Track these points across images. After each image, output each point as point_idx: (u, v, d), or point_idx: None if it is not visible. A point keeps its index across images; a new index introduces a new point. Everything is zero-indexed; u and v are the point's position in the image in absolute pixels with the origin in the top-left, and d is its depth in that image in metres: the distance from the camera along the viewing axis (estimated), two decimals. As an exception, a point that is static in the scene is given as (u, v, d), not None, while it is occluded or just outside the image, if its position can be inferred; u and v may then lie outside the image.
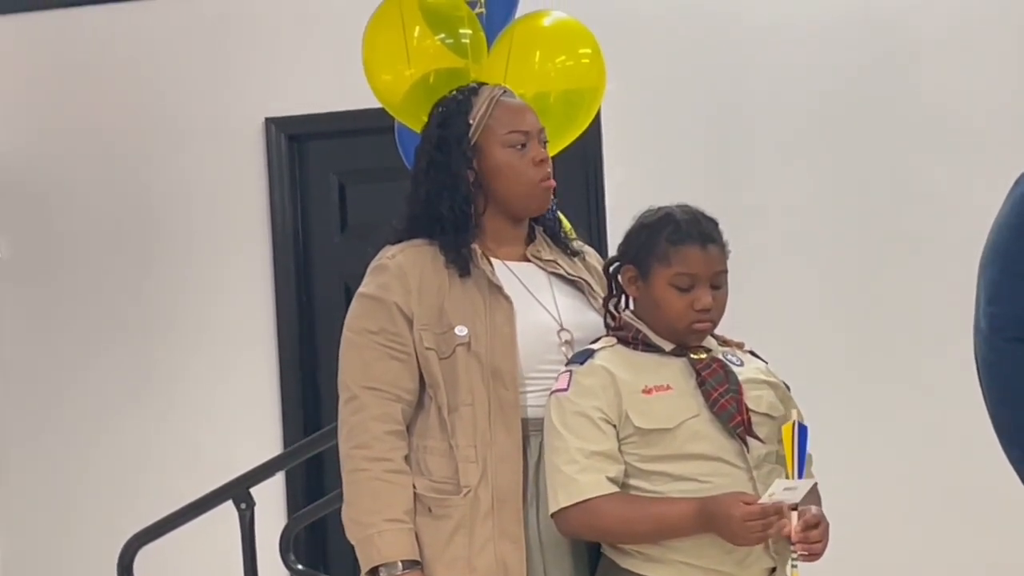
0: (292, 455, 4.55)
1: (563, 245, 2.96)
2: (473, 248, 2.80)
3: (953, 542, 4.92)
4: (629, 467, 2.65)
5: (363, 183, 5.64)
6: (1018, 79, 5.00)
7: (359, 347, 2.76)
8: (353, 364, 2.77)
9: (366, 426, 2.72)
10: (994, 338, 2.59)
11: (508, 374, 2.73)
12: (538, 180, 2.83)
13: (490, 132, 2.81)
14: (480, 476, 2.70)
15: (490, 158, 2.81)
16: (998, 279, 2.60)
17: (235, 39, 5.67)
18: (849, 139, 5.12)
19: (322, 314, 5.67)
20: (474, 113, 2.82)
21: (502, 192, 2.82)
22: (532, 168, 2.82)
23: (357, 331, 2.78)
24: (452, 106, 2.86)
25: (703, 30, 5.24)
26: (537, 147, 2.83)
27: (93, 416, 5.71)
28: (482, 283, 2.78)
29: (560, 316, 2.82)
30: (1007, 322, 2.58)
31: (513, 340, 2.74)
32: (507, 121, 2.82)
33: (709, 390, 2.65)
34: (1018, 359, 2.58)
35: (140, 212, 5.73)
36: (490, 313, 2.75)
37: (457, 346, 2.72)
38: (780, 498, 2.52)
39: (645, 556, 2.64)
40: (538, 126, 2.86)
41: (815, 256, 5.12)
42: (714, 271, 2.70)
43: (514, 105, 2.86)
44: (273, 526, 4.35)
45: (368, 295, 2.79)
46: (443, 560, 2.70)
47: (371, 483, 2.70)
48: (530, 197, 2.84)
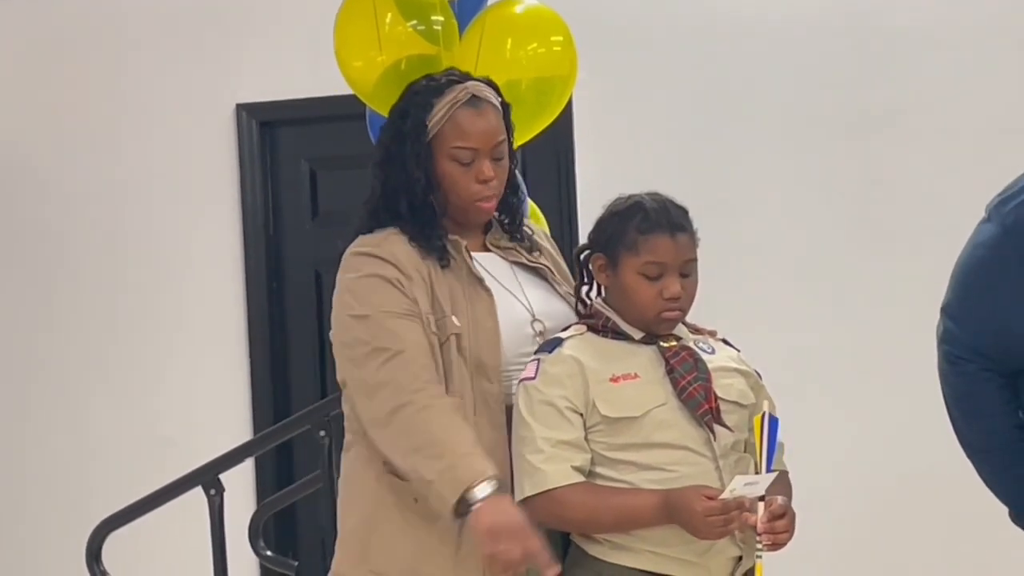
0: (262, 441, 4.54)
1: (521, 234, 2.93)
2: (455, 239, 2.79)
3: (932, 533, 4.93)
4: (596, 456, 2.66)
5: (334, 170, 5.63)
6: (994, 72, 5.02)
7: (378, 319, 2.66)
8: (376, 334, 2.65)
9: (417, 373, 2.62)
10: (948, 352, 2.73)
11: (492, 368, 2.72)
12: (475, 199, 2.79)
13: (441, 139, 2.78)
14: None
15: (437, 164, 2.78)
16: (963, 302, 2.74)
17: (206, 25, 5.65)
18: (823, 131, 5.13)
19: (292, 301, 5.66)
20: (432, 115, 2.79)
21: (442, 199, 2.79)
22: (473, 185, 2.78)
23: (369, 307, 2.68)
24: (415, 101, 2.82)
25: (677, 19, 5.24)
26: (483, 164, 2.78)
27: (62, 402, 5.69)
28: (461, 274, 2.77)
29: (531, 306, 2.82)
30: (960, 342, 2.72)
31: (496, 333, 2.73)
32: (457, 134, 2.77)
33: (677, 378, 2.66)
34: (971, 373, 2.67)
35: (109, 198, 5.70)
36: (471, 306, 2.74)
37: (451, 335, 2.70)
38: (741, 493, 2.53)
39: (612, 544, 2.65)
40: (492, 141, 2.79)
41: (788, 248, 5.13)
42: (683, 259, 2.71)
43: (471, 116, 2.79)
44: (242, 512, 4.34)
45: (367, 275, 2.72)
46: (428, 551, 2.67)
47: (441, 417, 2.59)
48: (466, 212, 2.81)
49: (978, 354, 2.67)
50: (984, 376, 2.67)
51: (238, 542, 4.14)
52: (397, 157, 2.79)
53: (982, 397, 2.69)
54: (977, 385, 2.69)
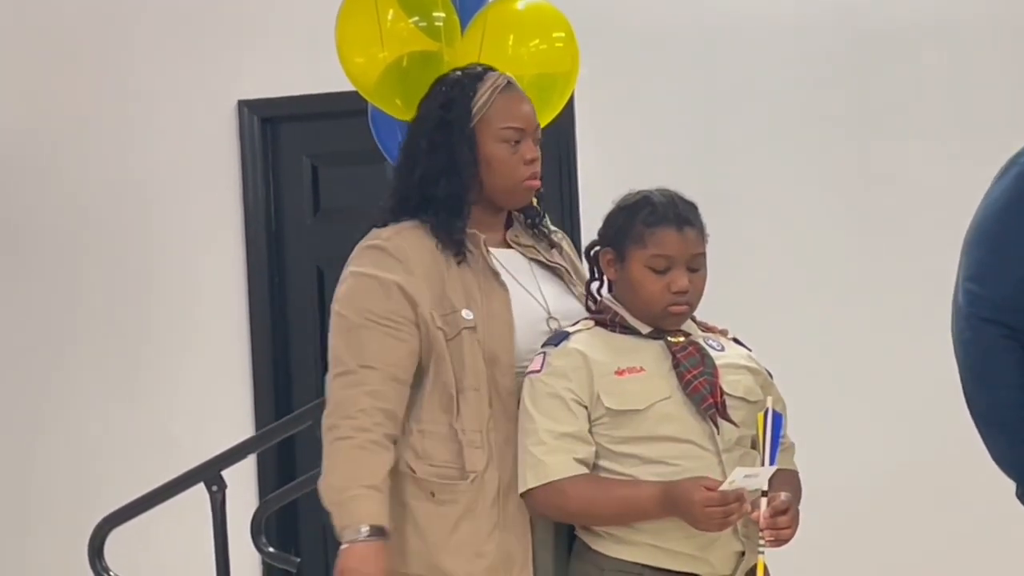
0: (264, 438, 4.55)
1: (541, 233, 2.96)
2: (473, 233, 2.80)
3: (933, 525, 4.93)
4: (600, 448, 2.67)
5: (336, 166, 5.63)
6: (991, 64, 5.02)
7: (357, 326, 2.72)
8: (349, 342, 2.73)
9: (357, 399, 2.69)
10: (971, 316, 2.65)
11: (506, 362, 2.73)
12: (524, 179, 2.83)
13: (487, 123, 2.81)
14: (487, 462, 2.69)
15: (483, 148, 2.81)
16: (985, 259, 2.66)
17: (208, 21, 5.64)
18: (824, 125, 5.13)
19: (294, 297, 5.67)
20: (476, 100, 2.81)
21: (488, 183, 2.82)
22: (521, 166, 2.82)
23: (355, 310, 2.73)
24: (456, 89, 2.85)
25: (677, 15, 5.24)
26: (530, 145, 2.83)
27: (64, 398, 5.69)
28: (478, 268, 2.78)
29: (547, 303, 2.83)
30: (986, 303, 2.64)
31: (511, 327, 2.75)
32: (505, 115, 2.82)
33: (683, 372, 2.66)
34: (991, 340, 2.64)
35: (111, 195, 5.70)
36: (487, 300, 2.75)
37: (463, 329, 2.72)
38: (741, 485, 2.53)
39: (616, 538, 2.66)
40: (535, 123, 2.86)
41: (789, 245, 5.13)
42: (691, 254, 2.71)
43: (515, 99, 2.85)
44: (244, 509, 4.34)
45: (366, 274, 2.75)
46: (449, 547, 2.69)
47: (353, 451, 2.68)
48: (513, 193, 2.84)
49: (1004, 310, 2.63)
50: (1004, 345, 2.64)
51: (240, 538, 4.14)
52: (443, 145, 2.80)
53: (1000, 366, 2.66)
54: (996, 354, 2.65)
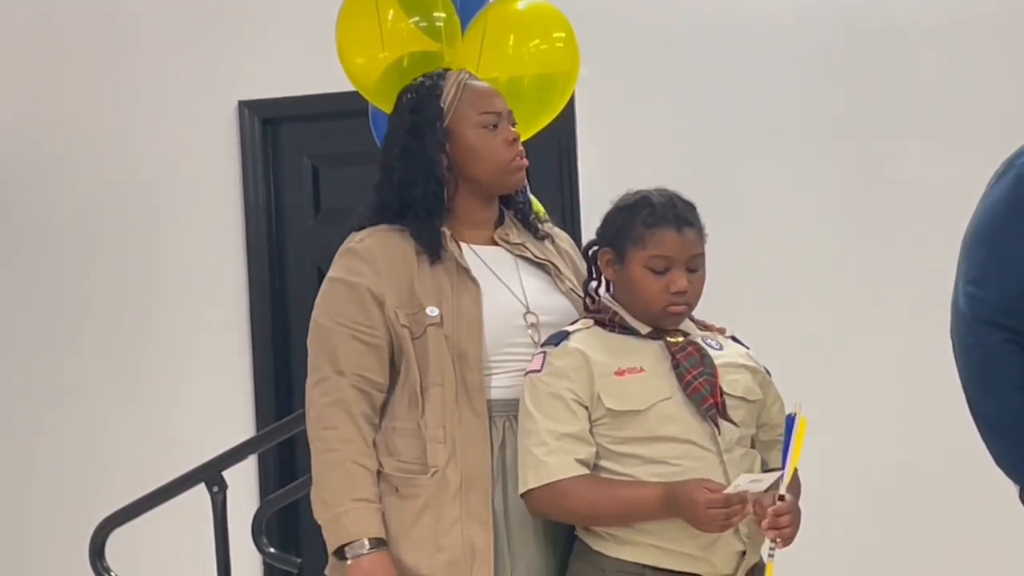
0: (265, 438, 4.54)
1: (533, 228, 2.98)
2: (442, 231, 2.82)
3: (933, 525, 4.94)
4: (601, 449, 2.67)
5: (336, 166, 5.63)
6: (991, 64, 5.02)
7: (329, 332, 2.78)
8: (323, 348, 2.78)
9: (336, 409, 2.73)
10: (972, 319, 2.65)
11: (474, 357, 2.75)
12: (511, 159, 2.86)
13: (461, 115, 2.85)
14: (448, 457, 2.71)
15: (463, 140, 2.84)
16: (985, 261, 2.66)
17: (208, 22, 5.65)
18: (824, 125, 5.13)
19: (295, 298, 5.66)
20: (444, 96, 2.85)
21: (476, 173, 2.85)
22: (505, 148, 2.85)
23: (327, 316, 2.79)
24: (422, 91, 2.89)
25: (678, 15, 5.24)
26: (507, 127, 2.87)
27: (64, 399, 5.69)
28: (450, 266, 2.80)
29: (527, 299, 2.83)
30: (986, 305, 2.64)
31: (479, 323, 2.76)
32: (478, 103, 2.86)
33: (683, 372, 2.66)
34: (994, 344, 2.64)
35: (111, 195, 5.70)
36: (457, 296, 2.77)
37: (428, 326, 2.74)
38: (745, 488, 2.54)
39: (617, 539, 2.66)
40: (506, 108, 2.89)
41: (789, 244, 5.12)
42: (690, 254, 2.71)
43: (481, 88, 2.90)
44: (245, 509, 4.35)
45: (338, 279, 2.81)
46: (409, 540, 2.71)
47: (341, 464, 2.71)
48: (504, 175, 2.87)
49: (1005, 312, 2.63)
50: (1007, 348, 2.64)
51: (241, 539, 4.14)
52: (415, 148, 2.83)
53: (1003, 370, 2.66)
54: (999, 358, 2.65)
